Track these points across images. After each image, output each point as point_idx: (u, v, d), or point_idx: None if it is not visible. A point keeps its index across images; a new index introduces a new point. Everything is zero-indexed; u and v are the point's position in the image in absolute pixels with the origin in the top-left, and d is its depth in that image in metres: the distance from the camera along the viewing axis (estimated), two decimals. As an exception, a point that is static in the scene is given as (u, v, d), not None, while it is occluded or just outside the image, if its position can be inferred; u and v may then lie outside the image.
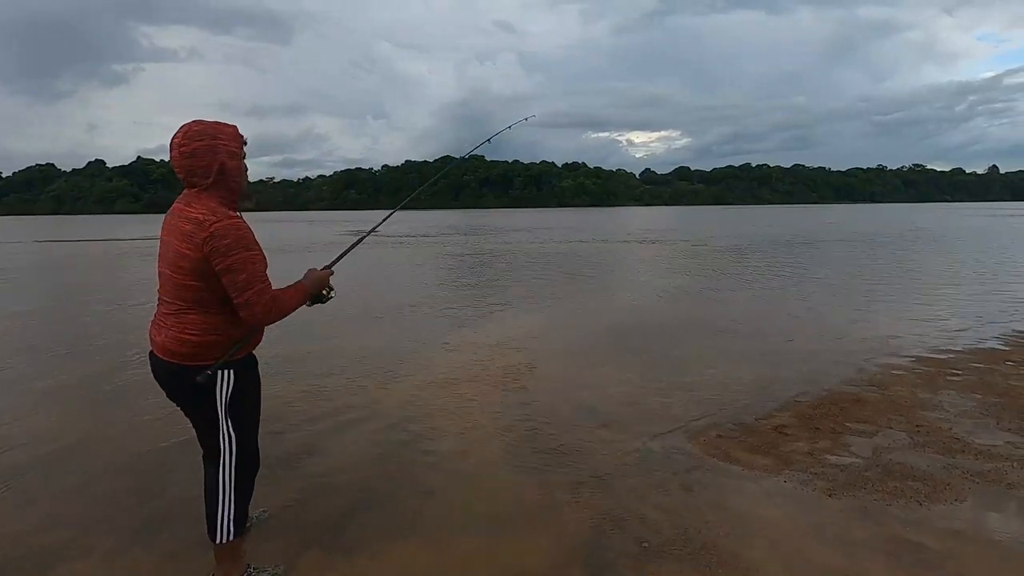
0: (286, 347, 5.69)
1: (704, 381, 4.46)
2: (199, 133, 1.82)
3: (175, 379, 1.90)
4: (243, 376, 1.97)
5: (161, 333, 1.89)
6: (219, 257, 1.75)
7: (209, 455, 2.02)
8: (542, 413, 3.82)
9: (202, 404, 1.92)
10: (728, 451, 3.19)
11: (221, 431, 1.94)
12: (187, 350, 1.84)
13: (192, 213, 1.78)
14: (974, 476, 2.87)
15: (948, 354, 5.19)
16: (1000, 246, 17.53)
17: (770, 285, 9.82)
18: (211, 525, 2.01)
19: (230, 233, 1.75)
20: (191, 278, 1.79)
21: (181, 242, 1.78)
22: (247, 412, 2.02)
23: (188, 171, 1.81)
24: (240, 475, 2.02)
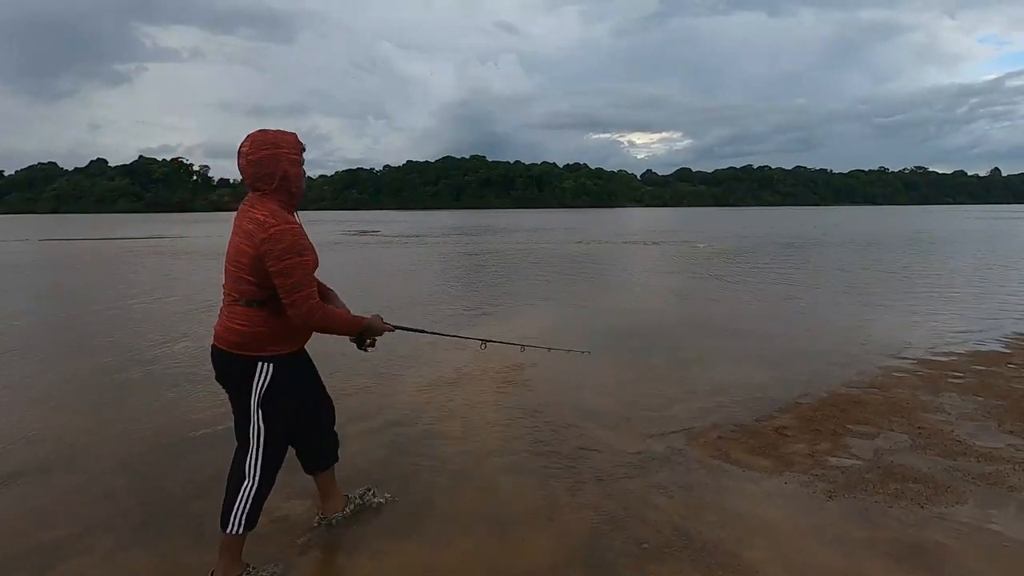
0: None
1: (705, 382, 4.46)
2: (264, 142, 1.96)
3: (222, 364, 2.03)
4: (283, 373, 2.03)
5: (219, 322, 2.04)
6: (273, 259, 1.88)
7: (240, 445, 2.08)
8: (543, 414, 3.81)
9: (240, 392, 2.02)
10: (728, 452, 3.18)
11: (252, 423, 2.02)
12: (235, 339, 1.98)
13: (255, 214, 1.93)
14: (975, 478, 2.86)
15: (950, 356, 5.18)
16: (1002, 248, 17.50)
17: (771, 286, 9.81)
18: (225, 513, 2.04)
19: (286, 238, 1.89)
20: (246, 272, 1.93)
21: (242, 239, 1.93)
22: (281, 410, 2.06)
23: (254, 177, 1.96)
24: (265, 471, 2.06)
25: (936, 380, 4.46)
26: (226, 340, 2.00)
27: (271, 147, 1.96)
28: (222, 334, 2.01)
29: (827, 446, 3.26)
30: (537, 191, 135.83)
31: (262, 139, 1.97)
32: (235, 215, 2.03)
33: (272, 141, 1.97)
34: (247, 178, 1.97)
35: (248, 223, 1.93)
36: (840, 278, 10.92)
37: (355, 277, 12.09)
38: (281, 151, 1.97)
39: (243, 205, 2.00)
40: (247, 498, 2.04)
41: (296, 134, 2.04)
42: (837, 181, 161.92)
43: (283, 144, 1.98)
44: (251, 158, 1.95)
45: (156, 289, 9.93)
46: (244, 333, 1.97)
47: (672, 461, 3.09)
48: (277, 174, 1.96)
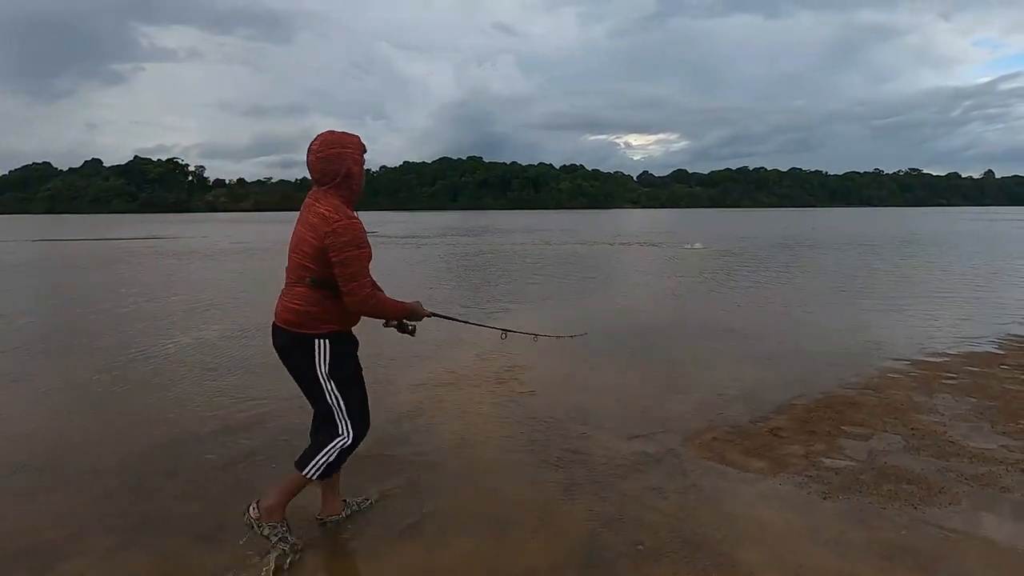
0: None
1: (700, 383, 4.48)
2: (333, 142, 2.16)
3: (281, 341, 2.23)
4: (339, 345, 2.23)
5: (279, 303, 2.24)
6: (335, 251, 2.07)
7: (324, 414, 2.27)
8: (539, 415, 3.83)
9: (304, 368, 2.21)
10: (723, 454, 3.20)
11: (327, 391, 2.22)
12: (292, 317, 2.17)
13: (320, 209, 2.11)
14: (968, 479, 2.89)
15: (943, 357, 5.22)
16: (996, 250, 17.62)
17: (766, 287, 9.86)
18: (306, 457, 2.24)
19: (348, 232, 2.07)
20: (309, 260, 2.12)
21: (307, 230, 2.12)
22: (349, 378, 2.27)
23: (321, 172, 2.14)
24: (356, 428, 2.27)
25: (930, 381, 4.50)
26: (284, 319, 2.19)
27: (338, 146, 2.15)
28: (281, 313, 2.21)
29: (822, 447, 3.28)
30: (534, 192, 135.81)
31: (331, 139, 2.16)
32: (302, 207, 2.23)
33: (339, 141, 2.17)
34: (314, 173, 2.15)
35: (313, 216, 2.11)
36: (834, 279, 10.98)
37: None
38: (347, 151, 2.16)
39: (308, 199, 2.20)
40: (335, 449, 2.24)
41: (359, 137, 2.22)
42: (833, 183, 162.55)
43: (349, 144, 2.18)
44: (320, 155, 2.13)
45: (155, 289, 9.91)
46: (300, 312, 2.16)
47: (667, 462, 3.11)
48: (341, 171, 2.14)
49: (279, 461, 3.13)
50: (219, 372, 4.87)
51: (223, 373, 4.84)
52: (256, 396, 4.22)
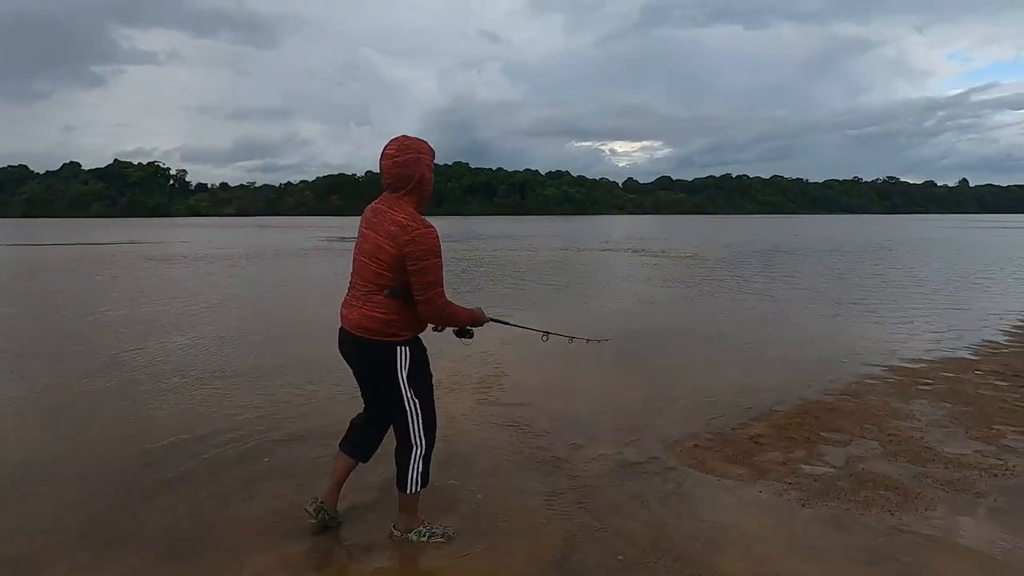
0: (263, 357, 5.61)
1: (682, 390, 4.50)
2: (409, 147, 2.15)
3: (363, 351, 2.22)
4: (418, 351, 2.26)
5: (353, 311, 2.21)
6: (414, 260, 2.08)
7: (397, 423, 2.32)
8: (520, 423, 3.80)
9: (385, 376, 2.22)
10: (704, 461, 3.21)
11: (405, 399, 2.24)
12: (373, 325, 2.16)
13: (397, 216, 2.11)
14: (944, 485, 2.92)
15: (919, 363, 5.30)
16: (970, 257, 18.02)
17: (747, 293, 9.96)
18: (401, 476, 2.33)
19: (427, 241, 2.08)
20: (386, 269, 2.11)
21: (384, 238, 2.10)
22: (425, 384, 2.30)
23: (396, 178, 2.14)
24: (428, 435, 2.32)
25: (906, 387, 4.56)
26: (363, 327, 2.17)
27: (414, 152, 2.15)
28: (360, 322, 2.18)
29: (801, 454, 3.30)
30: (520, 198, 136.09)
31: (407, 144, 2.16)
32: (366, 214, 2.22)
33: (415, 147, 2.16)
34: (389, 178, 2.15)
35: (391, 225, 2.10)
36: (814, 285, 11.13)
37: (328, 285, 11.98)
38: (422, 156, 2.16)
39: (379, 205, 2.18)
40: (418, 461, 2.30)
41: (428, 143, 2.22)
42: (813, 190, 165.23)
43: (423, 150, 2.17)
44: (397, 159, 2.13)
45: (133, 296, 9.71)
46: (381, 320, 2.15)
47: (648, 470, 3.10)
48: (416, 177, 2.14)
49: (261, 473, 3.07)
50: (198, 380, 4.77)
51: (201, 381, 4.74)
52: (237, 405, 4.14)
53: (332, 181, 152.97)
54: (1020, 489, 2.89)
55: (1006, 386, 4.60)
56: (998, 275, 12.95)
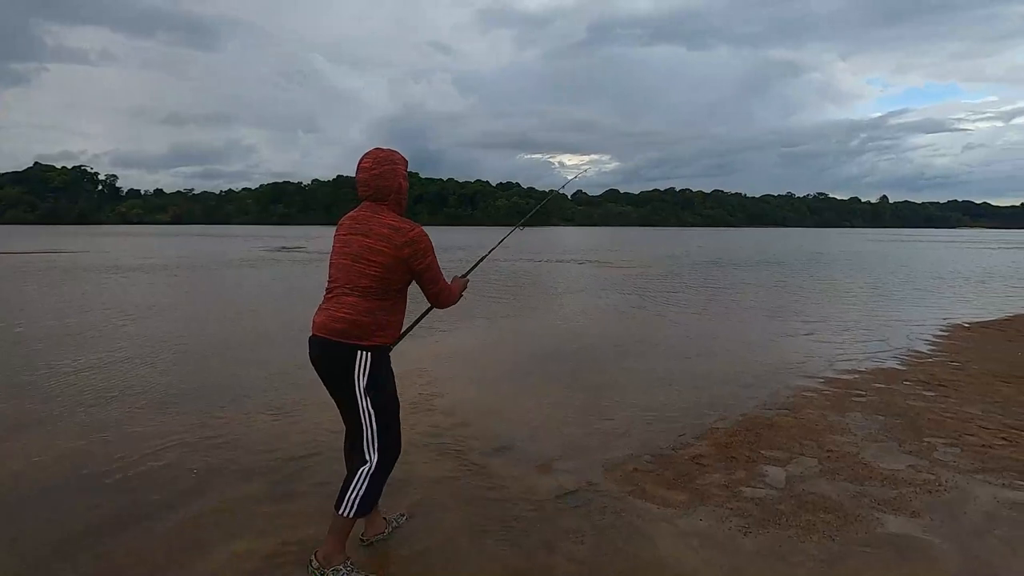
0: (181, 374, 5.10)
1: (622, 408, 4.35)
2: (384, 159, 2.21)
3: (325, 353, 2.15)
4: (379, 361, 2.16)
5: (322, 314, 2.17)
6: (419, 258, 2.14)
7: (353, 435, 2.23)
8: (451, 447, 3.53)
9: (344, 381, 2.14)
10: (644, 487, 3.03)
11: (361, 408, 2.13)
12: (339, 326, 2.10)
13: (386, 220, 2.15)
14: (882, 504, 2.86)
15: (853, 374, 5.39)
16: (894, 268, 19.13)
17: (689, 305, 10.07)
18: (340, 494, 2.15)
19: (423, 239, 2.15)
20: (378, 269, 2.11)
21: (377, 241, 2.12)
22: (386, 396, 2.20)
23: (376, 189, 2.18)
24: (383, 454, 2.18)
25: (842, 399, 4.58)
26: (328, 328, 2.12)
27: (390, 163, 2.20)
28: (326, 323, 2.13)
29: (742, 475, 3.18)
30: (471, 209, 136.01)
31: (382, 156, 2.21)
32: (345, 222, 2.23)
33: (390, 158, 2.21)
34: (368, 189, 2.19)
35: (382, 228, 2.13)
36: (752, 297, 11.42)
37: (254, 295, 11.35)
38: (397, 167, 2.21)
39: (363, 213, 2.20)
40: (363, 480, 2.13)
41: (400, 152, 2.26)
42: (751, 205, 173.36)
43: (398, 160, 2.23)
44: (375, 172, 2.17)
45: (39, 309, 8.79)
46: (348, 320, 2.10)
47: (584, 499, 2.89)
48: (394, 186, 2.20)
49: (146, 515, 2.66)
50: (97, 405, 4.23)
51: (100, 405, 4.20)
52: (143, 433, 3.66)
53: (277, 189, 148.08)
54: (953, 506, 2.86)
55: (932, 396, 4.70)
56: (918, 285, 13.73)
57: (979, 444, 3.63)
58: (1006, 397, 4.65)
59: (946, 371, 5.53)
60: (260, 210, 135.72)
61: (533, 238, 49.19)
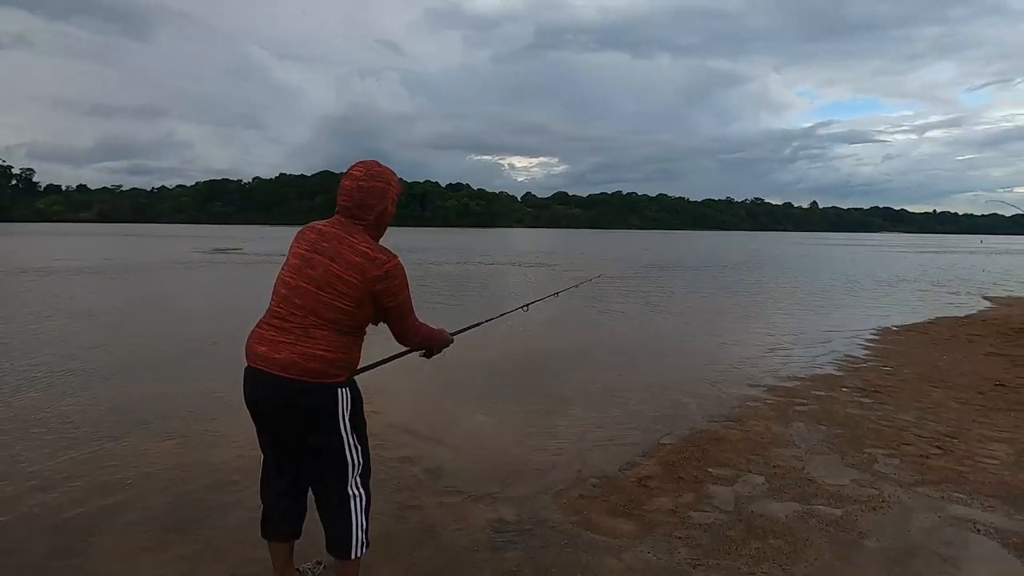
0: (81, 399, 4.53)
1: (568, 425, 4.16)
2: (379, 175, 1.95)
3: (300, 397, 1.84)
4: (356, 392, 1.98)
5: (283, 350, 1.84)
6: (391, 295, 1.90)
7: (329, 479, 1.95)
8: (384, 475, 3.23)
9: (323, 425, 1.88)
10: (590, 515, 2.84)
11: (347, 447, 1.93)
12: (317, 366, 1.84)
13: (359, 246, 1.87)
14: (830, 525, 2.78)
15: (794, 382, 5.43)
16: (827, 271, 20.09)
17: (637, 310, 10.10)
18: (343, 541, 1.95)
19: (399, 274, 1.91)
20: (348, 303, 1.85)
21: (348, 270, 1.84)
22: (364, 427, 2.03)
23: (357, 204, 1.92)
24: (366, 483, 2.02)
25: (785, 409, 4.58)
26: (303, 368, 1.82)
27: (383, 181, 1.95)
28: (297, 361, 1.82)
29: (690, 498, 3.05)
30: (420, 209, 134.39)
31: (378, 171, 1.96)
32: (307, 233, 1.95)
33: (385, 176, 1.97)
34: (349, 201, 1.92)
35: (354, 255, 1.86)
36: (695, 302, 11.62)
37: (186, 305, 10.60)
38: (390, 189, 1.97)
39: (331, 229, 1.91)
40: (362, 515, 1.97)
41: (397, 175, 2.03)
42: (693, 209, 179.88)
43: (393, 182, 1.99)
44: (363, 184, 1.92)
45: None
46: (328, 360, 1.85)
47: (526, 533, 2.67)
48: (379, 208, 1.94)
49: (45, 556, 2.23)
50: None
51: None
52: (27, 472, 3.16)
53: (214, 186, 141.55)
54: (896, 524, 2.82)
55: (870, 403, 4.77)
56: (849, 289, 14.40)
57: (917, 454, 3.66)
58: (936, 403, 4.77)
59: (880, 376, 5.67)
60: (196, 208, 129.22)
61: (485, 241, 48.99)
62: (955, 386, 5.28)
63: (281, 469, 2.03)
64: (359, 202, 1.92)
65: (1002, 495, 3.09)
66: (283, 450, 1.99)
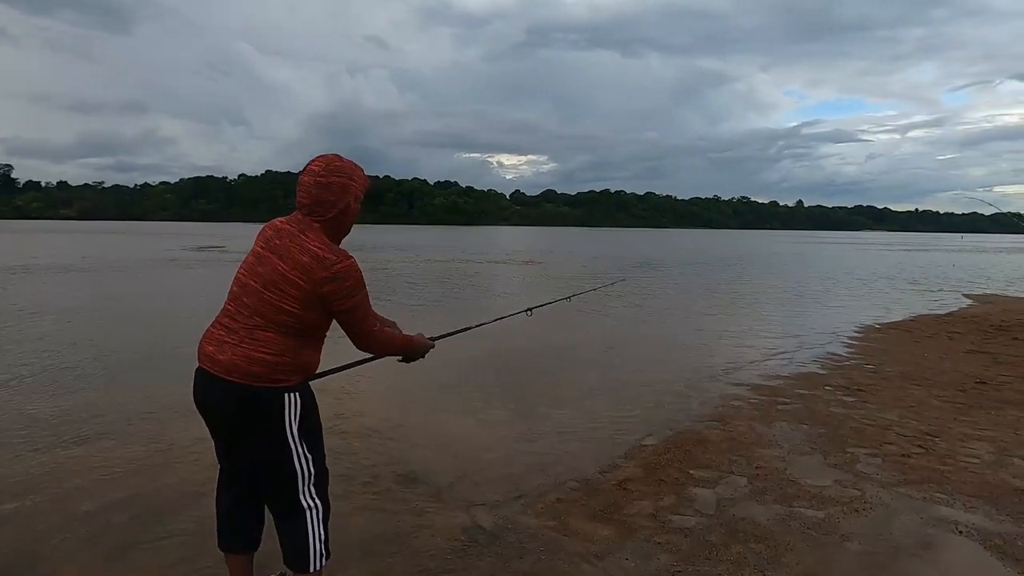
0: (32, 402, 4.36)
1: (548, 426, 4.09)
2: (339, 169, 1.84)
3: (244, 402, 1.75)
4: (307, 398, 1.86)
5: (227, 351, 1.75)
6: (342, 298, 1.78)
7: (279, 489, 1.84)
8: (357, 481, 3.13)
9: (269, 432, 1.78)
10: (568, 520, 2.77)
11: (296, 456, 1.82)
12: (260, 369, 1.74)
13: (310, 245, 1.77)
14: (811, 528, 2.73)
15: (777, 380, 5.41)
16: (812, 270, 20.25)
17: (621, 308, 10.06)
18: (300, 555, 1.86)
19: (351, 275, 1.79)
20: (293, 304, 1.76)
21: (293, 269, 1.75)
22: (317, 433, 1.91)
23: (315, 200, 1.81)
24: (322, 493, 1.91)
25: (768, 409, 4.54)
26: (245, 371, 1.73)
27: (344, 176, 1.84)
28: (239, 364, 1.73)
29: (671, 501, 2.99)
30: (407, 207, 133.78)
31: (338, 166, 1.85)
32: (266, 230, 1.86)
33: (347, 171, 1.86)
34: (307, 199, 1.82)
35: (302, 255, 1.75)
36: (680, 300, 11.62)
37: (164, 303, 10.38)
38: (352, 184, 1.86)
39: (287, 226, 1.83)
40: (319, 526, 1.87)
41: (363, 170, 1.92)
42: (681, 207, 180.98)
43: (356, 177, 1.87)
44: (321, 180, 1.81)
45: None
46: (270, 363, 1.75)
47: (502, 540, 2.59)
48: (340, 205, 1.83)
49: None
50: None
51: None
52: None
53: (199, 184, 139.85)
54: (878, 525, 2.78)
55: (852, 402, 4.75)
56: (833, 286, 14.49)
57: (899, 453, 3.64)
58: (919, 401, 4.77)
59: (863, 375, 5.66)
60: (180, 206, 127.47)
61: (475, 238, 48.83)
62: (937, 384, 5.29)
63: (233, 477, 1.93)
64: (317, 199, 1.81)
65: (983, 495, 3.07)
66: (233, 457, 1.89)
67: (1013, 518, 2.83)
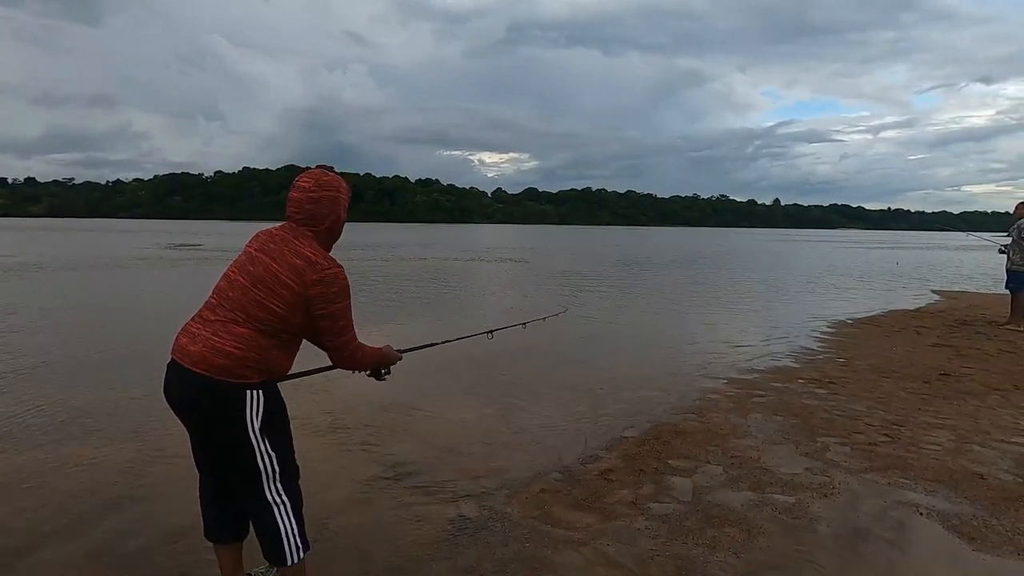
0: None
1: (531, 419, 4.18)
2: (328, 184, 1.92)
3: (205, 395, 1.78)
4: (272, 398, 1.88)
5: (198, 343, 1.80)
6: (325, 303, 1.82)
7: (246, 486, 1.86)
8: (341, 475, 3.18)
9: (231, 427, 1.79)
10: (551, 510, 2.85)
11: (258, 453, 1.83)
12: (223, 362, 1.77)
13: (303, 250, 1.84)
14: (783, 513, 2.86)
15: (753, 374, 5.57)
16: (787, 266, 20.69)
17: (602, 304, 10.20)
18: (275, 549, 1.89)
19: (338, 282, 1.85)
20: (278, 303, 1.80)
21: (286, 271, 1.81)
22: (283, 433, 1.93)
23: (309, 215, 1.90)
24: (290, 488, 1.92)
25: (743, 401, 4.69)
26: (209, 363, 1.76)
27: (333, 190, 1.93)
28: (206, 356, 1.76)
29: (650, 489, 3.09)
30: (389, 205, 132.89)
31: (326, 181, 1.93)
32: (260, 235, 1.94)
33: (335, 185, 1.95)
34: (299, 212, 1.90)
35: (295, 257, 1.83)
36: (661, 296, 11.81)
37: (137, 304, 10.24)
38: (341, 196, 1.95)
39: (280, 232, 1.90)
40: (289, 518, 1.89)
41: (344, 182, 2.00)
42: (661, 205, 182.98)
43: (343, 190, 1.97)
44: (312, 195, 1.90)
45: None
46: (236, 357, 1.77)
47: (487, 529, 2.66)
48: (331, 217, 1.93)
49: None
50: None
51: None
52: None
53: (174, 180, 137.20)
54: (846, 509, 2.92)
55: (824, 394, 4.93)
56: (808, 283, 14.85)
57: (866, 442, 3.80)
58: (887, 393, 4.96)
59: (835, 368, 5.86)
60: (154, 203, 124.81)
61: (457, 236, 48.73)
62: (904, 376, 5.51)
63: (208, 469, 1.98)
64: (310, 214, 1.89)
65: (943, 480, 3.24)
66: (203, 450, 1.93)
67: (970, 500, 3.00)
